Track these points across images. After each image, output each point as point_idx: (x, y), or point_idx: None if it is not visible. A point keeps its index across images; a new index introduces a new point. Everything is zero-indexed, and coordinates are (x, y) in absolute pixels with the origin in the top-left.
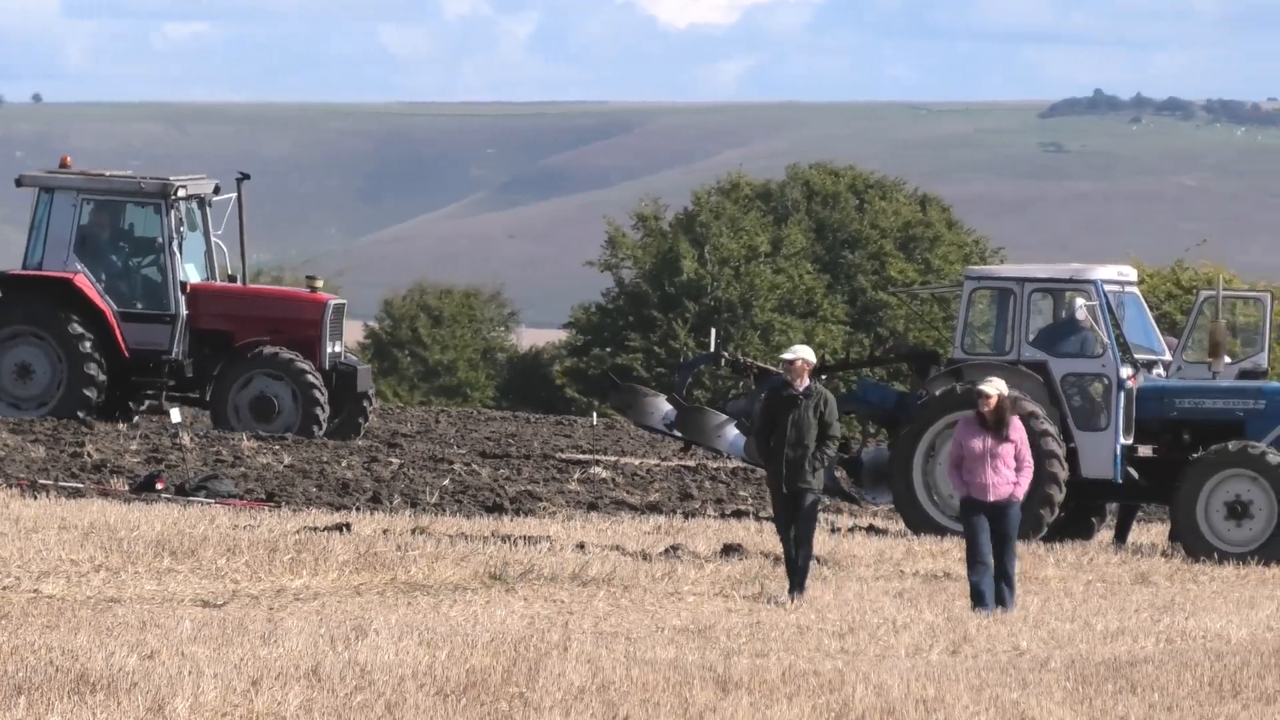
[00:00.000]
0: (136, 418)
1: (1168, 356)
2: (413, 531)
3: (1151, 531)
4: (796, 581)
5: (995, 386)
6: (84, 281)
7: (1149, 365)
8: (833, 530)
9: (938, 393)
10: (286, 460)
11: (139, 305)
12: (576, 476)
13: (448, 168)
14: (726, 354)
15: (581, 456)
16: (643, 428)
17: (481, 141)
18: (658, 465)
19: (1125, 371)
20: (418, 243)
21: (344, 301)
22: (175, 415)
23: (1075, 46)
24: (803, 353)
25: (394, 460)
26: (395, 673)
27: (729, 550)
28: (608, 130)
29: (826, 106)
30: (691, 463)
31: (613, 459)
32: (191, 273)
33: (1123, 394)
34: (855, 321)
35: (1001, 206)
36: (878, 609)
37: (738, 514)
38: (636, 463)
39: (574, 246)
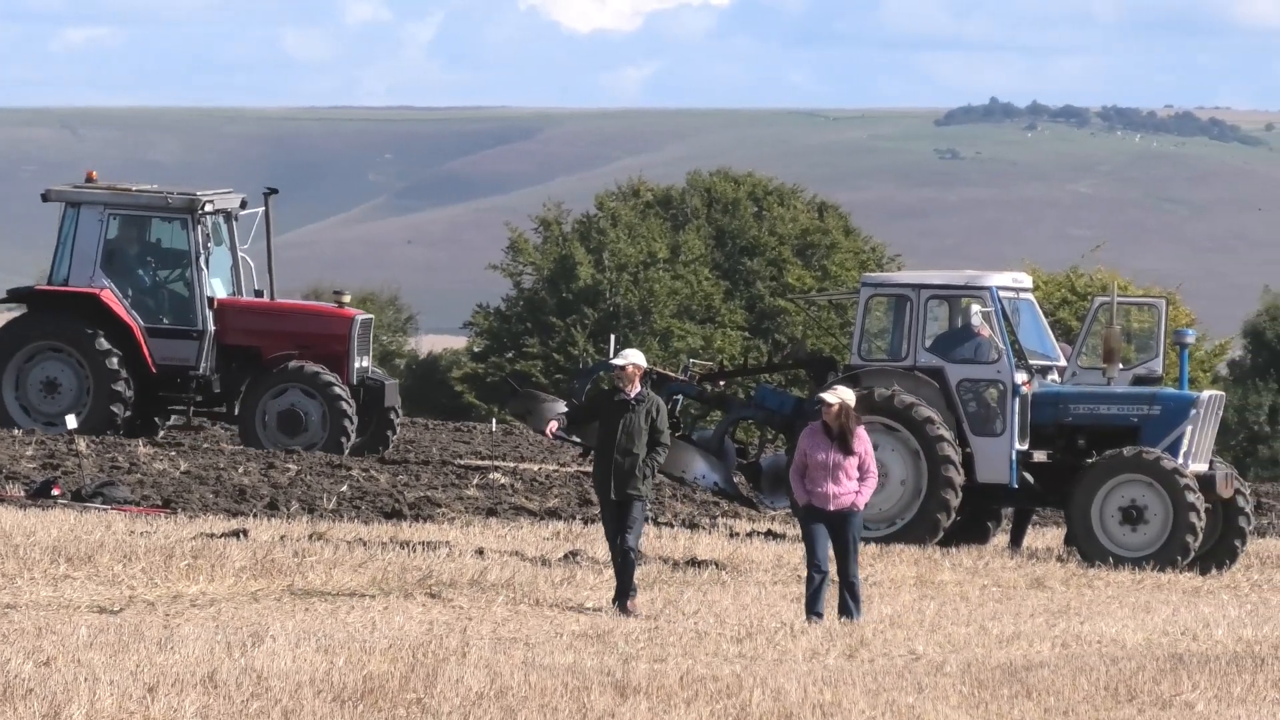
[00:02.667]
0: (162, 432)
1: (1063, 362)
2: (310, 538)
3: (1047, 536)
4: (624, 588)
5: (837, 396)
6: (110, 297)
7: (1044, 371)
8: (731, 535)
9: None
10: (183, 466)
11: (166, 320)
12: (475, 482)
13: (345, 173)
14: None
15: (480, 462)
16: (541, 434)
17: (380, 147)
18: (556, 471)
19: (1020, 377)
20: (314, 248)
21: (371, 316)
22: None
23: (972, 54)
24: (634, 358)
25: (291, 466)
26: (292, 679)
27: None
28: (507, 136)
29: (727, 113)
30: (590, 468)
31: (512, 465)
32: (218, 288)
33: (1018, 400)
34: (753, 328)
35: (898, 213)
36: (775, 613)
37: None
38: (535, 469)
39: (472, 252)
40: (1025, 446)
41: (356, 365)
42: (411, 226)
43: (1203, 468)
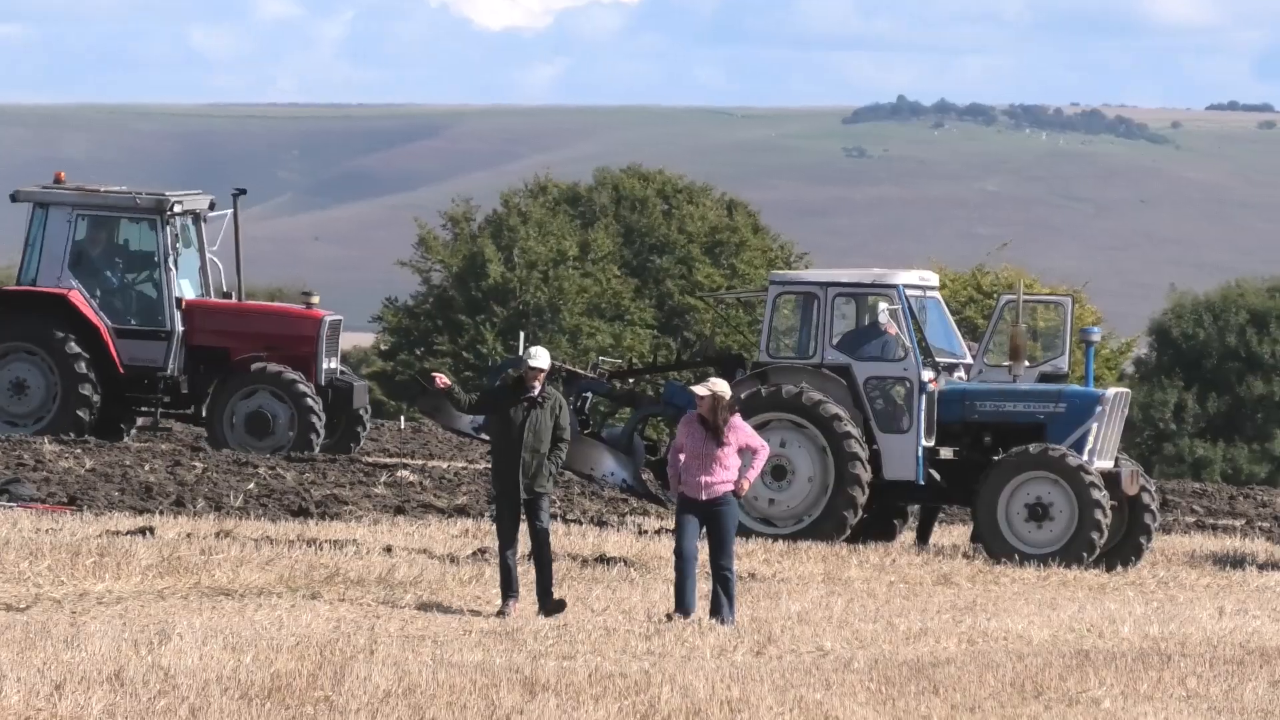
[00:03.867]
0: (132, 432)
1: (969, 360)
2: (217, 535)
3: (953, 533)
4: (545, 588)
5: (709, 387)
6: (78, 298)
7: (950, 369)
8: (640, 532)
9: (743, 396)
10: (89, 464)
11: (134, 321)
12: (383, 479)
13: (254, 170)
14: None
15: (389, 460)
16: (450, 431)
17: (288, 144)
18: (465, 468)
19: (927, 375)
20: (223, 245)
21: (340, 317)
22: None
23: (879, 53)
24: (547, 356)
25: (197, 464)
26: (199, 677)
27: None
28: (416, 133)
29: (637, 111)
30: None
31: (420, 462)
32: (187, 289)
33: (925, 397)
34: (662, 325)
35: (806, 211)
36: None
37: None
38: (444, 466)
39: (380, 249)
40: (932, 444)
41: (325, 366)
42: (320, 223)
43: (1108, 465)
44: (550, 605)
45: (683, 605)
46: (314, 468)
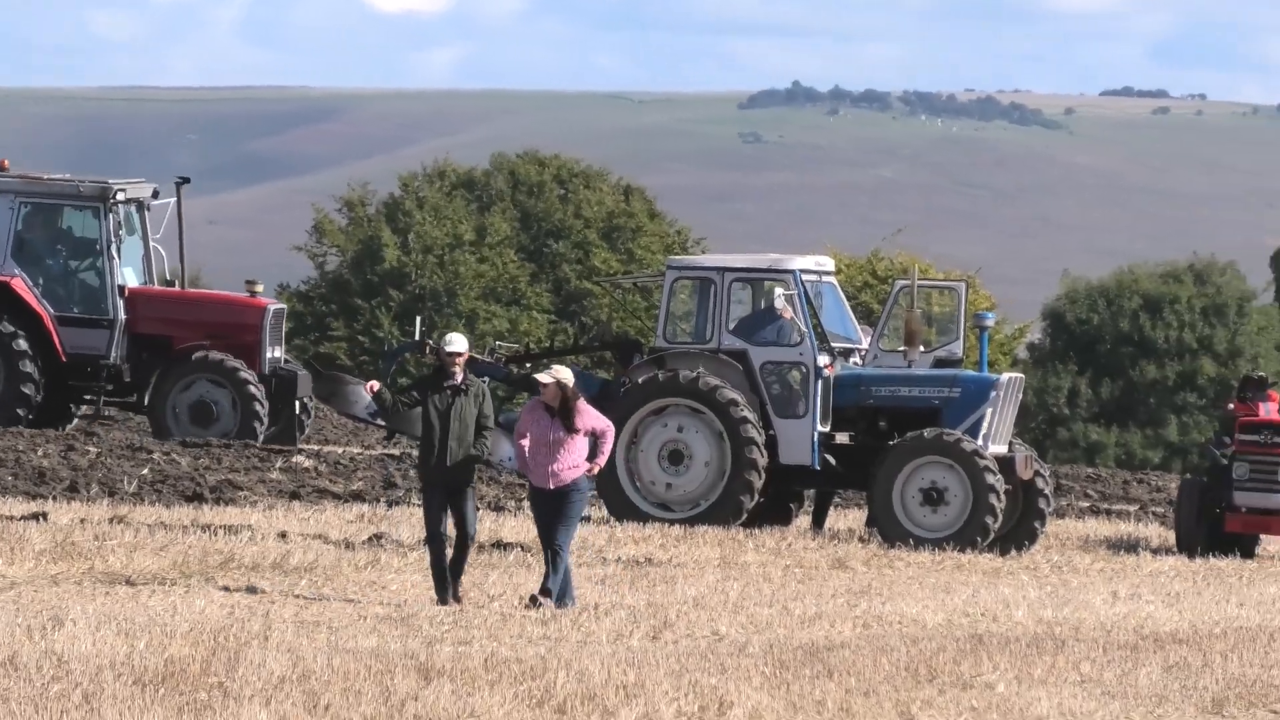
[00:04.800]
0: (75, 421)
1: (864, 345)
2: (111, 521)
3: (848, 517)
4: (456, 576)
5: (552, 375)
6: (21, 285)
7: (846, 354)
8: None
9: (640, 381)
10: None
11: (76, 309)
12: (278, 465)
13: (149, 153)
14: (431, 342)
15: (283, 445)
16: (346, 416)
17: (184, 127)
18: (361, 454)
19: (823, 360)
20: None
21: (284, 306)
22: None
23: (774, 38)
24: (464, 342)
25: (91, 449)
26: (93, 663)
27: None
28: (313, 116)
29: (535, 95)
30: (395, 451)
31: (315, 448)
32: (130, 276)
33: (820, 382)
34: (559, 310)
35: (703, 197)
36: (580, 595)
37: None
38: (340, 451)
39: (276, 233)
40: (827, 428)
41: (268, 355)
42: (215, 207)
43: (1002, 450)
44: (458, 591)
45: (547, 589)
46: (209, 453)
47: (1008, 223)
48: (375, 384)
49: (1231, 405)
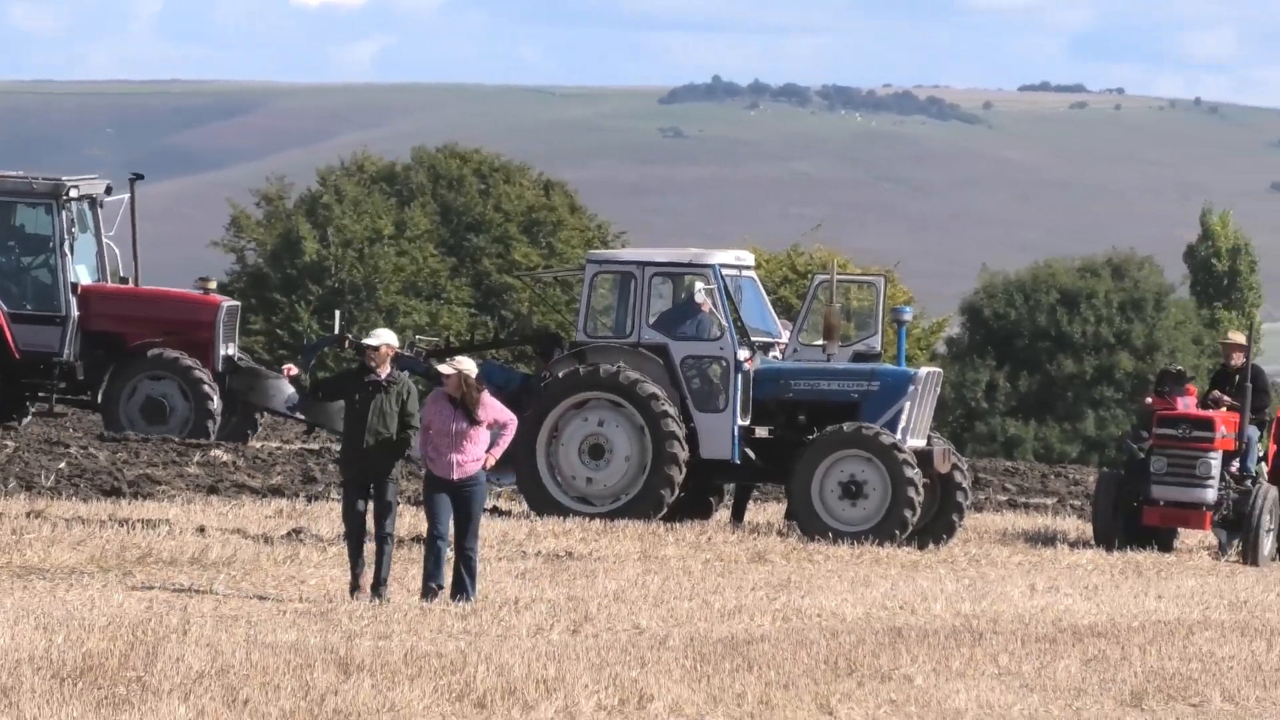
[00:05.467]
0: (28, 418)
1: (784, 339)
2: (28, 515)
3: (768, 511)
4: (379, 573)
5: (454, 366)
6: None
7: (766, 348)
8: None
9: (561, 375)
10: None
11: (29, 306)
12: (197, 459)
13: (66, 147)
14: (350, 336)
15: (202, 440)
16: (265, 410)
17: (101, 121)
18: (280, 448)
19: (743, 354)
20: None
21: (238, 304)
22: None
23: (694, 32)
24: (387, 337)
25: (9, 443)
26: (11, 657)
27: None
28: (231, 110)
29: (456, 89)
30: (314, 445)
31: (234, 442)
32: (83, 274)
33: (740, 376)
34: (480, 304)
35: (624, 191)
36: (500, 589)
37: None
38: (258, 446)
39: (193, 227)
40: (747, 422)
41: (222, 352)
42: None
43: (921, 443)
44: (380, 588)
45: (435, 582)
46: (126, 447)
47: (926, 217)
48: (293, 368)
49: (1149, 399)
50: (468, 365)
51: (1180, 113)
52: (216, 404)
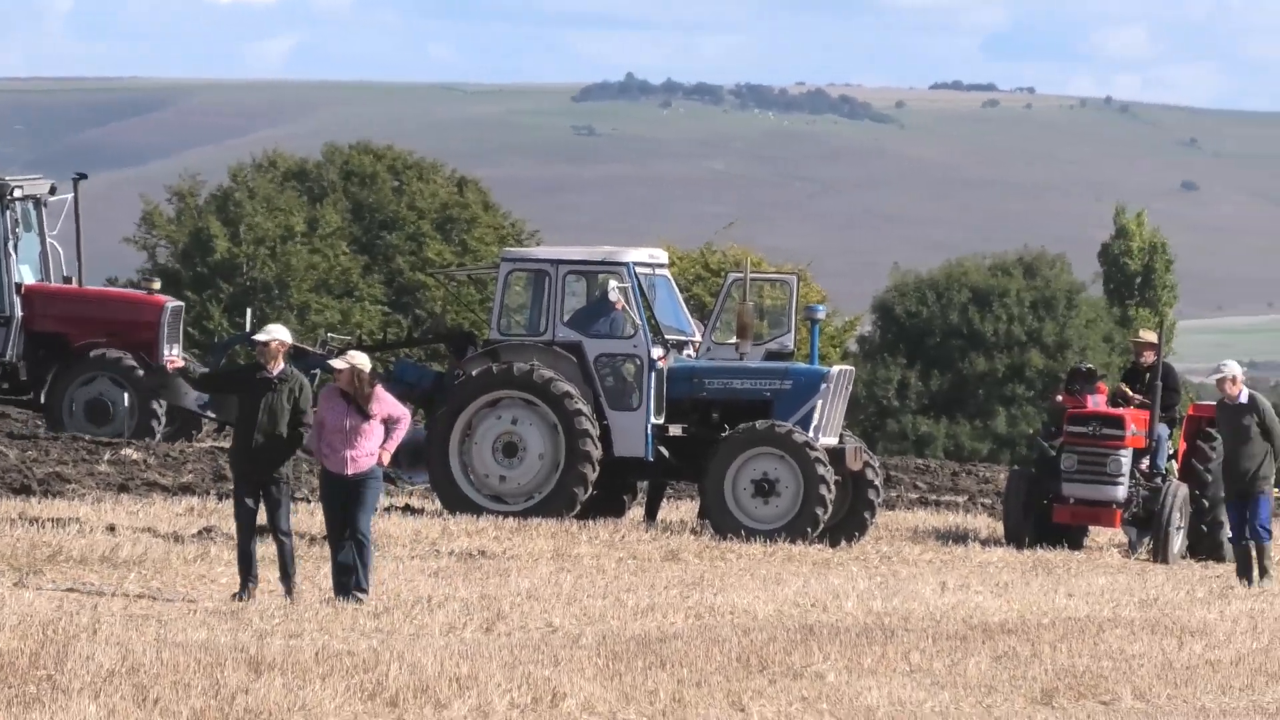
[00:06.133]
0: None
1: (697, 338)
2: None
3: (681, 509)
4: (285, 570)
5: (347, 360)
6: None
7: (679, 346)
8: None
9: (474, 373)
10: None
11: None
12: (107, 458)
13: None
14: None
15: (113, 438)
16: (176, 408)
17: (11, 118)
18: (191, 447)
19: (656, 352)
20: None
21: (182, 304)
22: None
23: (608, 30)
24: (279, 334)
25: None
26: None
27: (263, 531)
28: (143, 107)
29: (368, 86)
30: (225, 444)
31: (145, 440)
32: (26, 274)
33: (654, 374)
34: (393, 302)
35: (537, 189)
36: (413, 588)
37: None
38: (169, 444)
39: (105, 224)
40: (661, 420)
41: (166, 353)
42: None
43: (833, 441)
44: (288, 583)
45: (350, 589)
46: (36, 445)
47: (839, 216)
48: (177, 359)
49: (1059, 397)
50: (360, 360)
51: (1091, 111)
52: (161, 405)
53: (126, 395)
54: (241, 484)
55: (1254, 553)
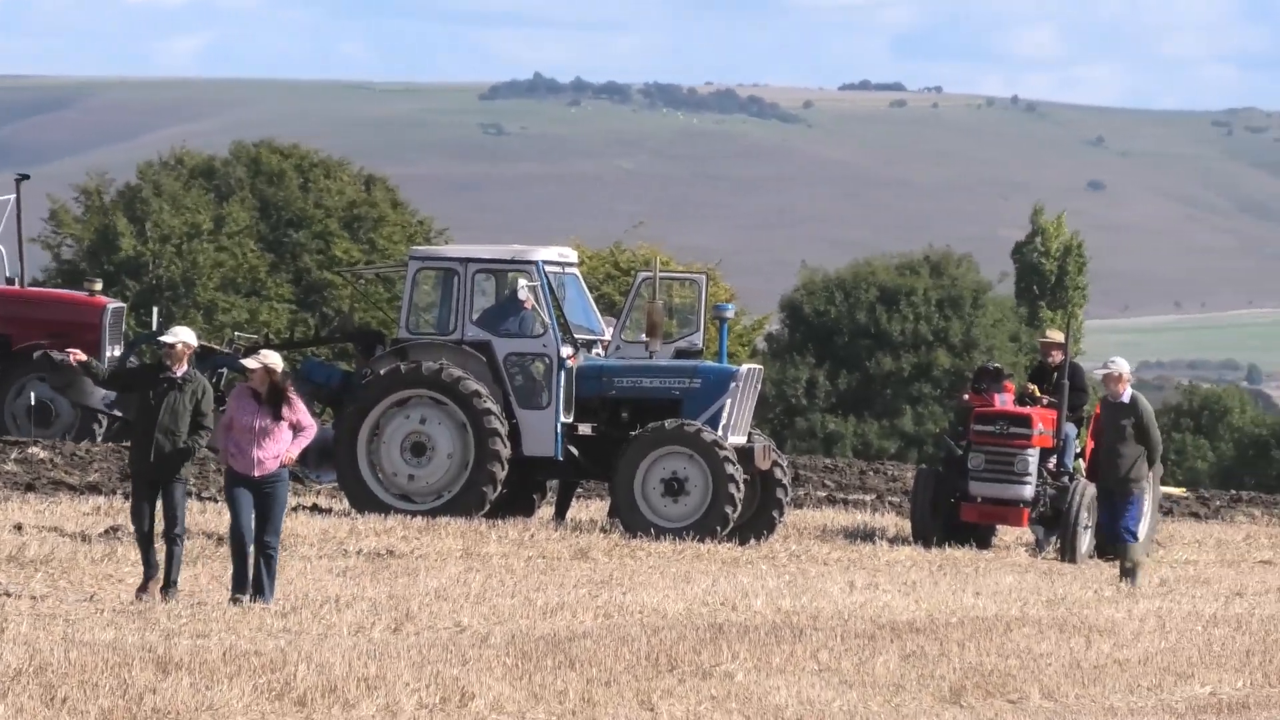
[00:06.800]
0: None
1: (607, 336)
2: None
3: (591, 508)
4: (169, 575)
5: (260, 360)
6: None
7: (589, 345)
8: None
9: (382, 372)
10: None
11: None
12: (14, 456)
13: None
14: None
15: (19, 437)
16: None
17: None
18: (98, 446)
19: (566, 351)
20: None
21: (124, 305)
22: None
23: (516, 28)
24: (184, 336)
25: None
26: None
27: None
28: (50, 104)
29: (276, 84)
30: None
31: (51, 439)
32: None
33: (563, 373)
34: (300, 301)
35: (446, 187)
36: (321, 587)
37: None
38: (75, 443)
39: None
40: (570, 419)
41: (108, 354)
42: None
43: (742, 440)
44: (170, 590)
45: (242, 585)
46: None
47: (747, 215)
48: (79, 353)
49: (966, 396)
50: (273, 359)
51: (998, 111)
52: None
53: (67, 397)
54: (139, 484)
55: (1118, 553)
